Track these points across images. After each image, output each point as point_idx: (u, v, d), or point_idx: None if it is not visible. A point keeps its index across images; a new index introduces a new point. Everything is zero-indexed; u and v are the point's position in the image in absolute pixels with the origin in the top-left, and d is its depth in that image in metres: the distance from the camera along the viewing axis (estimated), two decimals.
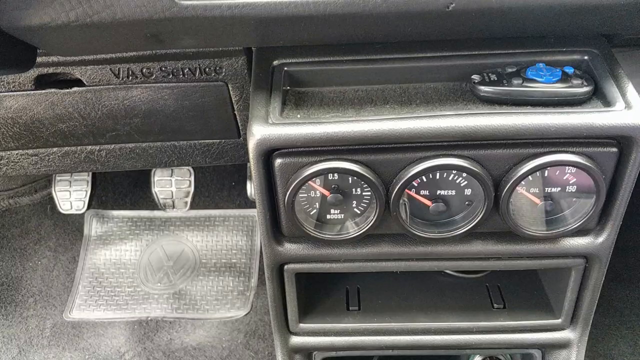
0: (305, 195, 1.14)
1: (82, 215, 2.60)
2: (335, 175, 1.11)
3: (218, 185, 2.70)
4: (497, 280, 1.51)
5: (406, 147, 1.09)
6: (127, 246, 2.58)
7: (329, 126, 1.06)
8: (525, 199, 1.14)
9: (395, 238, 1.24)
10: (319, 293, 1.49)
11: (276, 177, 1.12)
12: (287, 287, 1.32)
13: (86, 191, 2.36)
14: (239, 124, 1.44)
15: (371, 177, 1.09)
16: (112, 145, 1.51)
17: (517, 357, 1.59)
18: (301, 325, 1.41)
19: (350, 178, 1.12)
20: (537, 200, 1.13)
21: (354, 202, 1.15)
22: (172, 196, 2.29)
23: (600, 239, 1.23)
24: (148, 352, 2.25)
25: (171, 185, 2.28)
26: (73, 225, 2.62)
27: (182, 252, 2.56)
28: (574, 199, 1.14)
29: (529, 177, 1.10)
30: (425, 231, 1.17)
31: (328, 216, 1.17)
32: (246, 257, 2.56)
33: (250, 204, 2.70)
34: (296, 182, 1.10)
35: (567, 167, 1.09)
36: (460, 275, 1.52)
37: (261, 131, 1.06)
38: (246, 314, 2.39)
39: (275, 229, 1.23)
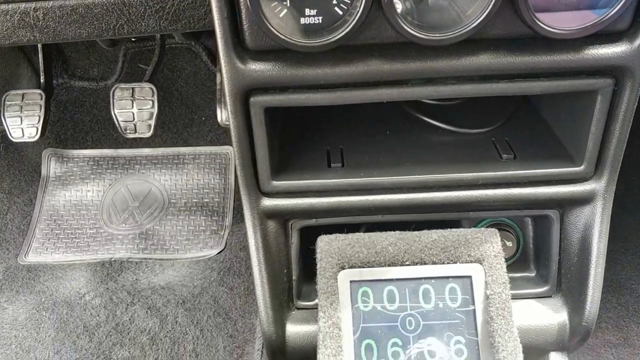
0: None
1: (37, 146, 2.40)
2: None
3: (186, 121, 2.51)
4: (505, 134, 1.30)
5: None
6: (88, 187, 2.39)
7: None
8: None
9: (386, 50, 1.04)
10: (296, 151, 1.28)
11: None
12: (255, 127, 1.10)
13: (39, 116, 2.12)
14: None
15: None
16: (50, 3, 1.29)
17: (528, 225, 1.36)
18: (274, 183, 1.19)
19: None
20: None
21: None
22: (134, 118, 2.06)
23: (637, 43, 1.02)
24: (111, 292, 2.05)
25: (132, 106, 2.06)
26: (29, 166, 2.43)
27: (149, 191, 2.38)
28: None
29: None
30: (424, 33, 0.97)
31: (302, 20, 0.97)
32: (219, 196, 2.38)
33: (222, 140, 2.50)
34: None
35: None
36: (461, 130, 1.31)
37: None
38: (220, 252, 2.19)
39: (237, 41, 1.02)
